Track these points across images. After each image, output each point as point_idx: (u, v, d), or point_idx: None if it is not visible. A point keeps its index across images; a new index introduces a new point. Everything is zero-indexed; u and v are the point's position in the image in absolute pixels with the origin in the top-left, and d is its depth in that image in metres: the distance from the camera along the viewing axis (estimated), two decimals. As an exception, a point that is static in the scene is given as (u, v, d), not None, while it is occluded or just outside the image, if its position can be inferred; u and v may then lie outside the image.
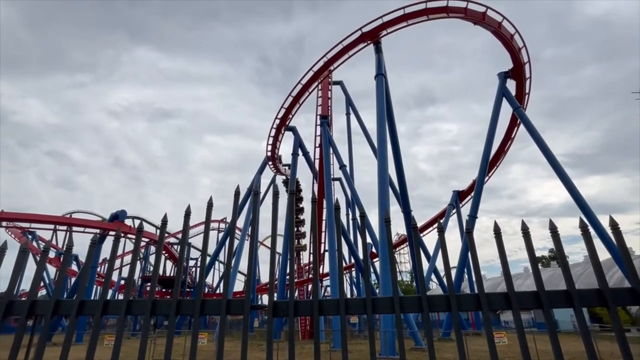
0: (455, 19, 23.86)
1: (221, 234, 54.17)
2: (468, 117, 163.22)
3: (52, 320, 1.81)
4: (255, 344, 17.27)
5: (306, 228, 40.12)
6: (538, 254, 68.16)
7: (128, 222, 36.11)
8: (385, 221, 1.85)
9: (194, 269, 50.34)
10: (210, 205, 1.95)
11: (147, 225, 40.54)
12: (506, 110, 26.72)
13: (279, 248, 36.49)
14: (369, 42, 24.67)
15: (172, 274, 45.20)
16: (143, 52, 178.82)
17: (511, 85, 26.42)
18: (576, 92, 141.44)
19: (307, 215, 39.33)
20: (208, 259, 39.06)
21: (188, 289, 41.68)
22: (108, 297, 1.80)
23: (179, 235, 53.02)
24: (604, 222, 21.79)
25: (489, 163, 27.78)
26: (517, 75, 25.64)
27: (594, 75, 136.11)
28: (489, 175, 32.02)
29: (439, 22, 24.23)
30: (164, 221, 1.92)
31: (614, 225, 1.43)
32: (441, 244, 1.68)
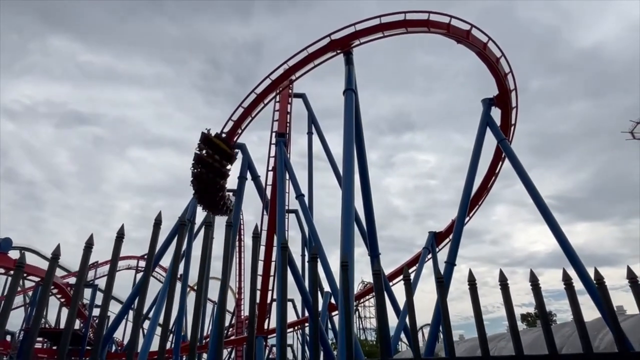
0: (437, 35, 25.57)
1: (139, 275, 51.35)
2: (448, 147, 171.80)
3: None
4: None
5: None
6: (524, 310, 71.01)
7: (14, 254, 33.30)
8: (342, 265, 1.87)
9: (97, 320, 46.98)
10: (120, 236, 1.87)
11: (38, 258, 37.61)
12: (490, 142, 28.48)
13: (213, 294, 35.10)
14: (338, 51, 25.63)
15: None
16: (59, 40, 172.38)
17: (496, 114, 28.38)
18: (565, 128, 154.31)
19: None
20: (118, 306, 36.61)
21: (88, 347, 38.55)
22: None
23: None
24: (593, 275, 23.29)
25: (470, 201, 29.13)
26: (502, 104, 27.62)
27: (583, 111, 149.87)
28: (470, 215, 33.49)
29: (420, 39, 25.84)
30: (55, 254, 1.80)
31: (599, 279, 1.54)
32: (407, 295, 1.71)
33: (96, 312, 46.08)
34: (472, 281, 1.61)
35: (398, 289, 40.47)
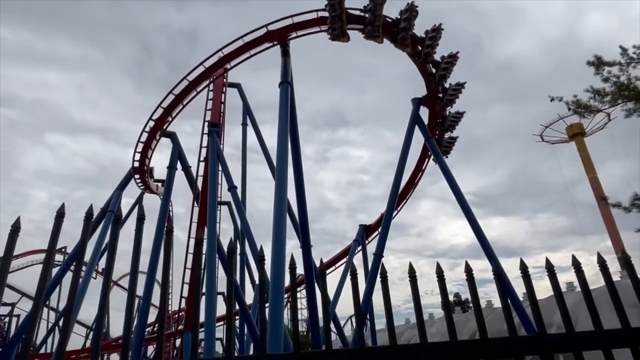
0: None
1: (55, 270, 47.53)
2: (380, 144, 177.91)
3: None
4: None
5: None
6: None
7: None
8: (259, 259, 1.83)
9: (7, 319, 42.88)
10: (15, 229, 1.66)
11: None
12: (418, 140, 29.86)
13: (140, 290, 33.42)
14: (275, 42, 25.34)
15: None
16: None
17: (425, 114, 29.79)
18: (484, 131, 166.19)
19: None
20: (30, 302, 33.62)
21: (-6, 349, 35.07)
22: None
23: (-12, 270, 45.06)
24: (505, 265, 25.46)
25: (398, 196, 30.38)
26: (430, 104, 29.01)
27: (500, 116, 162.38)
28: (398, 209, 34.97)
29: (358, 39, 26.25)
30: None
31: (524, 269, 1.65)
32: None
33: (3, 310, 42.11)
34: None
35: (330, 278, 41.16)
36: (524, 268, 1.72)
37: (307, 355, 1.59)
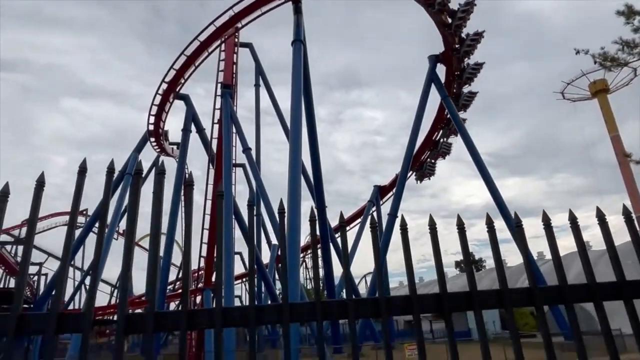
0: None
1: (78, 232, 49.20)
2: (395, 105, 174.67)
3: None
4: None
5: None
6: (453, 259, 76.61)
7: None
8: (279, 213, 1.84)
9: (35, 278, 44.97)
10: (40, 184, 1.69)
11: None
12: (435, 100, 29.20)
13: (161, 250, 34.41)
14: (287, -1, 24.59)
15: (5, 285, 39.94)
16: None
17: (442, 72, 28.95)
18: (502, 89, 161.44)
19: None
20: (56, 262, 35.18)
21: (26, 305, 37.07)
22: None
23: (14, 232, 46.78)
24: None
25: (413, 157, 30.13)
26: (447, 60, 28.12)
27: (519, 74, 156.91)
28: (412, 170, 34.77)
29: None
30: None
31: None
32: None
33: (32, 270, 44.08)
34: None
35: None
36: (573, 218, 1.71)
37: (328, 303, 1.62)
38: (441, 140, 32.61)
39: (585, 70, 50.80)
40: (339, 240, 38.27)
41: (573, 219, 1.74)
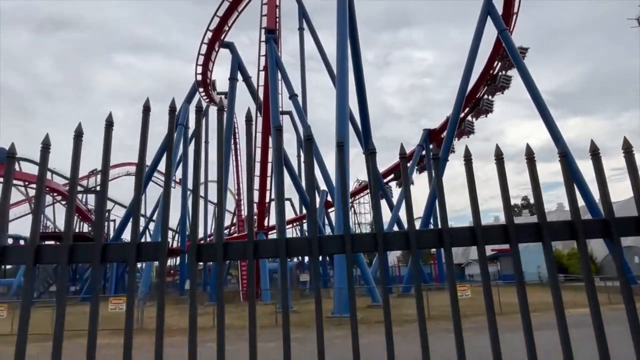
0: None
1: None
2: (445, 44, 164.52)
3: None
4: (185, 309, 17.66)
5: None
6: (514, 202, 74.67)
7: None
8: (338, 145, 1.84)
9: (105, 223, 48.99)
10: (109, 124, 1.80)
11: (36, 168, 37.92)
12: (490, 35, 27.16)
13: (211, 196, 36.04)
14: None
15: (79, 230, 43.91)
16: None
17: (498, 4, 26.66)
18: (566, 22, 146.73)
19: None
20: (122, 210, 37.98)
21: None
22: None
23: (83, 182, 50.52)
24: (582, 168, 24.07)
25: (466, 98, 28.73)
26: (505, -10, 25.83)
27: (586, 3, 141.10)
28: (465, 112, 33.29)
29: None
30: (45, 144, 1.74)
31: (627, 147, 1.55)
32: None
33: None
34: (468, 156, 1.59)
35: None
36: (627, 147, 1.59)
37: (391, 233, 1.65)
38: (500, 73, 30.31)
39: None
40: (392, 185, 38.17)
41: (628, 148, 1.62)
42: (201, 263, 1.80)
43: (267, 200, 30.01)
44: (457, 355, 1.47)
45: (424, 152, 35.92)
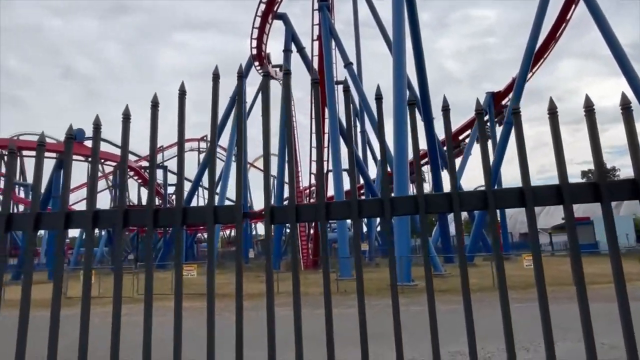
0: None
1: (202, 156, 54.80)
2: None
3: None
4: (252, 275, 18.55)
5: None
6: (579, 169, 69.60)
7: (88, 144, 36.21)
8: (376, 99, 1.81)
9: (173, 197, 51.95)
10: (155, 104, 1.88)
11: (110, 147, 40.72)
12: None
13: (274, 170, 37.10)
14: None
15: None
16: None
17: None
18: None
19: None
20: (188, 185, 39.98)
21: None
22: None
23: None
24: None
25: (534, 56, 26.70)
26: None
27: None
28: (533, 72, 31.02)
29: None
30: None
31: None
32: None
33: (170, 190, 50.92)
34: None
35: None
36: (587, 105, 1.43)
37: (433, 195, 1.62)
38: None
39: None
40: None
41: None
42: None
43: (325, 171, 30.28)
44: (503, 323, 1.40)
45: (486, 117, 34.17)
